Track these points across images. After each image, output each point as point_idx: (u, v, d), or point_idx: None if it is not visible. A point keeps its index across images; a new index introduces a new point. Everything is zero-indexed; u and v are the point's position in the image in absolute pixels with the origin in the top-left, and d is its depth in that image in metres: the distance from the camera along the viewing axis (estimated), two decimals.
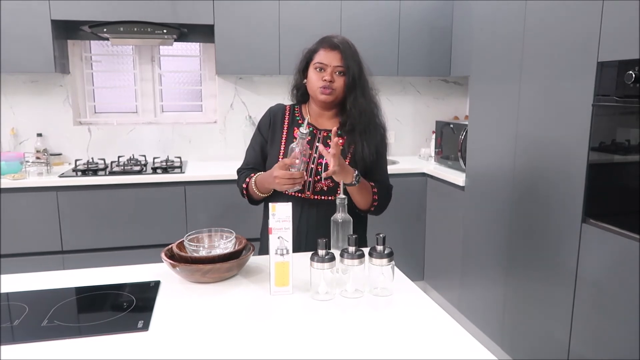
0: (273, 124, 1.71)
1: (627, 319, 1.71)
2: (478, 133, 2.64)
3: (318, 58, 1.62)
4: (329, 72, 1.60)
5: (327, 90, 1.61)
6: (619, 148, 1.80)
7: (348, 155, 1.64)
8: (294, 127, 1.68)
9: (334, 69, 1.60)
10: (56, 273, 1.40)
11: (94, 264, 1.54)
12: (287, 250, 1.25)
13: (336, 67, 1.60)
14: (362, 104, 1.63)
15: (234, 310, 1.18)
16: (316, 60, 1.62)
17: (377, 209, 1.68)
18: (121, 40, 3.05)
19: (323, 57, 1.61)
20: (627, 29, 1.68)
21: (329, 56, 1.60)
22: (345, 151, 1.64)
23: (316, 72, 1.62)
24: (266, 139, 1.72)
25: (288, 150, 1.56)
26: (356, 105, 1.62)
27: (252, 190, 1.65)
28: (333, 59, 1.60)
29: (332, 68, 1.60)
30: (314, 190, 1.63)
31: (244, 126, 3.45)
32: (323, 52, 1.61)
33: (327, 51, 1.61)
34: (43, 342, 1.02)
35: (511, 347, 2.40)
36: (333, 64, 1.60)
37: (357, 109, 1.62)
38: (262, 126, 1.74)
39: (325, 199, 1.63)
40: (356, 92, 1.62)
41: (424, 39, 3.37)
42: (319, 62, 1.61)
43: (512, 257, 2.37)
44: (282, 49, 3.13)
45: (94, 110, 3.41)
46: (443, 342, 1.04)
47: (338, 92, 1.63)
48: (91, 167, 2.93)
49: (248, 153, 1.76)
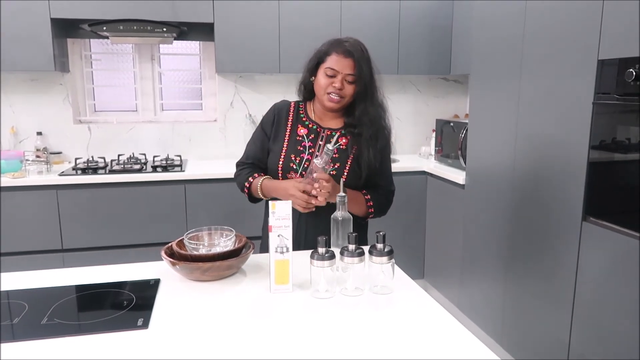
0: (277, 121, 1.69)
1: (628, 317, 1.71)
2: (478, 131, 2.64)
3: (329, 63, 1.56)
4: (340, 79, 1.55)
5: (335, 99, 1.57)
6: (619, 146, 1.80)
7: (350, 156, 1.63)
8: (297, 124, 1.67)
9: (345, 77, 1.56)
10: (56, 271, 1.40)
11: (93, 262, 1.54)
12: (287, 248, 1.25)
13: (348, 75, 1.55)
14: (371, 112, 1.60)
15: (234, 308, 1.18)
16: (327, 65, 1.56)
17: (376, 215, 1.68)
18: (121, 39, 3.05)
19: (335, 62, 1.55)
20: (628, 27, 1.68)
21: (341, 63, 1.55)
22: (348, 151, 1.63)
23: (326, 77, 1.57)
24: (268, 136, 1.70)
25: (311, 163, 1.52)
26: (366, 114, 1.59)
27: (256, 192, 1.64)
28: (345, 66, 1.55)
29: (343, 75, 1.55)
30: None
31: (244, 124, 3.45)
32: (335, 58, 1.56)
33: (339, 57, 1.55)
34: (43, 340, 1.02)
35: (511, 345, 2.40)
36: (345, 72, 1.55)
37: (367, 118, 1.59)
38: (266, 122, 1.72)
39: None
40: (366, 101, 1.59)
41: (424, 38, 3.36)
42: (330, 68, 1.56)
43: (512, 256, 2.37)
44: (282, 47, 3.13)
45: (93, 109, 3.41)
46: (443, 341, 1.04)
47: (346, 100, 1.60)
48: (91, 166, 2.93)
49: (249, 147, 1.74)
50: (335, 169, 1.61)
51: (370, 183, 1.67)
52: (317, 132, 1.66)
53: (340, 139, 1.65)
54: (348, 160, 1.62)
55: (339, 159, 1.62)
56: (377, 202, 1.66)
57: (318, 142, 1.64)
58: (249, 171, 1.70)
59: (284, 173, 1.63)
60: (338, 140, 1.62)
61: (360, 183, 1.64)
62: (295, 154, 1.63)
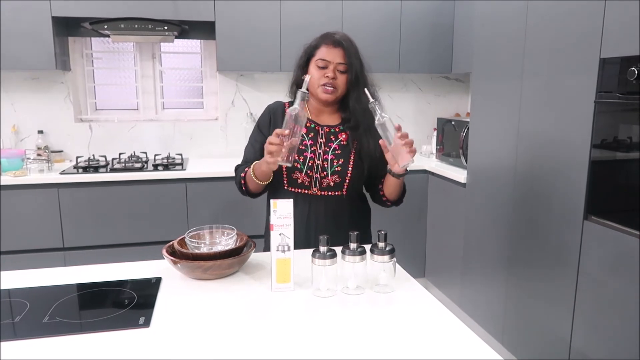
0: (273, 123, 1.70)
1: (629, 316, 1.71)
2: (479, 130, 2.64)
3: (320, 54, 1.60)
4: (332, 69, 1.59)
5: (330, 89, 1.60)
6: (621, 145, 1.79)
7: (352, 151, 1.65)
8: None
9: (337, 66, 1.59)
10: (57, 270, 1.40)
11: (95, 260, 1.54)
12: (288, 247, 1.24)
13: (339, 64, 1.59)
14: (364, 100, 1.60)
15: (235, 307, 1.18)
16: (318, 57, 1.60)
17: (402, 200, 1.72)
18: (122, 37, 3.05)
19: (325, 53, 1.59)
20: (630, 25, 1.67)
21: (332, 53, 1.59)
22: (349, 147, 1.65)
23: (318, 69, 1.60)
24: (266, 137, 1.69)
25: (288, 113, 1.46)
26: (359, 102, 1.61)
27: (250, 178, 1.59)
28: (336, 55, 1.59)
29: (334, 65, 1.59)
30: (321, 186, 1.63)
31: (245, 123, 3.45)
32: (325, 49, 1.60)
33: (329, 48, 1.60)
34: (44, 338, 1.02)
35: (512, 344, 2.40)
36: (336, 61, 1.59)
37: (361, 107, 1.61)
38: (262, 124, 1.73)
39: (332, 194, 1.63)
40: (359, 89, 1.61)
41: (426, 36, 3.36)
42: (321, 59, 1.59)
43: (514, 254, 2.36)
44: (283, 46, 3.13)
45: (94, 107, 3.41)
46: (444, 339, 1.04)
47: (340, 90, 1.62)
48: (92, 164, 2.93)
49: (247, 151, 1.74)
50: (340, 165, 1.62)
51: (375, 173, 1.68)
52: (316, 130, 1.67)
53: (339, 135, 1.66)
54: (351, 155, 1.64)
55: (342, 155, 1.64)
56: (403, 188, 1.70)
57: (319, 140, 1.65)
58: (243, 169, 1.68)
59: (289, 174, 1.63)
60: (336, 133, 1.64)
61: (364, 175, 1.66)
62: (298, 153, 1.62)
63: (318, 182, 1.63)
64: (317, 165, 1.62)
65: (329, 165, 1.62)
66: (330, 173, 1.62)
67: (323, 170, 1.62)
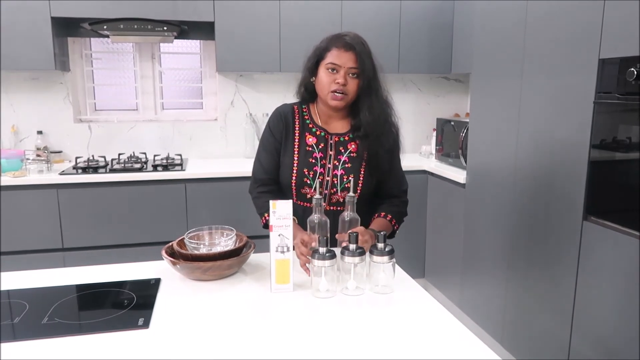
0: (286, 128, 1.62)
1: (629, 317, 1.71)
2: (479, 130, 2.64)
3: (330, 58, 1.52)
4: (342, 74, 1.51)
5: (339, 96, 1.52)
6: (620, 145, 1.80)
7: (363, 163, 1.59)
8: (305, 132, 1.62)
9: (348, 71, 1.51)
10: (57, 270, 1.40)
11: (94, 261, 1.54)
12: (287, 248, 1.24)
13: (350, 68, 1.51)
14: (376, 109, 1.55)
15: (235, 307, 1.18)
16: (328, 60, 1.52)
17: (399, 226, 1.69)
18: (121, 38, 3.05)
19: (336, 57, 1.51)
20: (629, 26, 1.67)
21: (343, 57, 1.50)
22: (359, 158, 1.60)
23: (328, 73, 1.52)
24: (280, 142, 1.63)
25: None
26: (371, 111, 1.54)
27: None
28: (347, 60, 1.50)
29: (345, 70, 1.51)
30: (330, 202, 1.61)
31: (244, 123, 3.45)
32: (336, 52, 1.51)
33: (340, 51, 1.51)
34: (43, 339, 1.02)
35: (512, 344, 2.40)
36: (347, 66, 1.51)
37: (372, 115, 1.54)
38: (275, 129, 1.64)
39: (342, 209, 1.57)
40: (371, 97, 1.55)
41: (425, 36, 3.36)
42: (332, 63, 1.51)
43: (513, 255, 2.37)
44: (282, 46, 3.12)
45: (94, 108, 3.41)
46: (444, 340, 1.04)
47: (351, 96, 1.55)
48: (92, 165, 2.92)
49: (265, 160, 1.65)
50: (349, 181, 1.57)
51: (382, 186, 1.65)
52: (326, 140, 1.62)
53: (349, 145, 1.61)
54: (361, 169, 1.59)
55: (351, 169, 1.59)
56: (398, 216, 1.65)
57: (328, 152, 1.61)
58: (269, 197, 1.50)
59: (298, 189, 1.60)
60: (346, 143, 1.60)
61: (373, 187, 1.63)
62: (307, 167, 1.59)
63: (327, 198, 1.60)
64: (327, 181, 1.59)
65: (339, 182, 1.58)
66: (340, 190, 1.58)
67: (333, 187, 1.59)
